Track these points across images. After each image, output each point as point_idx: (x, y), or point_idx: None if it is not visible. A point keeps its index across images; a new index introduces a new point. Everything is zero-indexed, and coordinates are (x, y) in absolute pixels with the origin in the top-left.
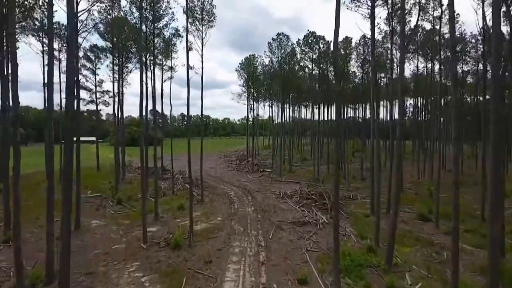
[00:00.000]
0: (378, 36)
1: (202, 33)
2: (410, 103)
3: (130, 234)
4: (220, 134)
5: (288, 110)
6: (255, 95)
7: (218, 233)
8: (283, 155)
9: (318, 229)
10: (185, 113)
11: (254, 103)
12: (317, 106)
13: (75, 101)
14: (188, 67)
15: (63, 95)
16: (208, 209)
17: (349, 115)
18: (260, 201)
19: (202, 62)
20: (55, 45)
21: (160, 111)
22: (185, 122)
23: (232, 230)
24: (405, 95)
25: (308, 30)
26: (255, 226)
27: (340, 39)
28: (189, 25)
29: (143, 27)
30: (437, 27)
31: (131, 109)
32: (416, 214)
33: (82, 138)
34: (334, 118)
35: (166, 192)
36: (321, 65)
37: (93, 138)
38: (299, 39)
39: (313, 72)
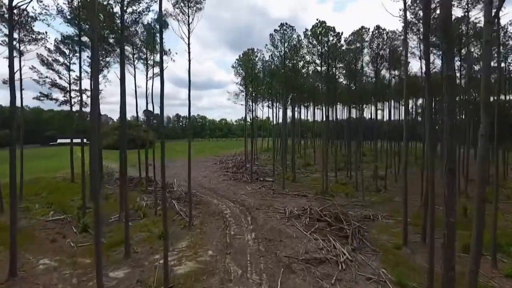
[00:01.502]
0: (394, 28)
1: (188, 17)
2: (415, 103)
3: (86, 284)
4: (217, 136)
5: (291, 110)
6: (253, 94)
7: (207, 280)
8: (285, 161)
9: (340, 270)
10: (181, 113)
11: (253, 103)
12: (319, 107)
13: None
14: (162, 51)
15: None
16: (196, 238)
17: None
18: (261, 224)
19: (189, 53)
20: (15, 35)
21: (152, 111)
22: (180, 123)
23: (226, 274)
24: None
25: (317, 19)
26: (257, 265)
27: (350, 31)
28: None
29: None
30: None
31: (128, 109)
32: (459, 244)
33: (67, 140)
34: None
35: (147, 212)
36: (329, 61)
37: (84, 140)
38: (306, 29)
39: (322, 68)
